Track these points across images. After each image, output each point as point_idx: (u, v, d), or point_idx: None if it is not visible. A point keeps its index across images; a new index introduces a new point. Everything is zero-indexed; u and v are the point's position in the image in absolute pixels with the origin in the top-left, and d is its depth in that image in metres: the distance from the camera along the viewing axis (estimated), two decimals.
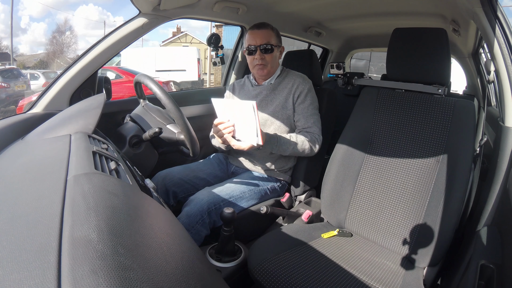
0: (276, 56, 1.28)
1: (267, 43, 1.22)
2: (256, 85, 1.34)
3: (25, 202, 0.39)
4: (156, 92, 0.92)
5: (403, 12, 1.59)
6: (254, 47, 1.22)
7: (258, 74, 1.30)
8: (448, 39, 0.97)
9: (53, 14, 37.00)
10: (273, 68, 1.29)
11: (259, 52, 1.22)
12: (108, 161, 0.57)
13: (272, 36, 1.24)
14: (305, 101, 1.24)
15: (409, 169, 1.02)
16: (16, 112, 3.40)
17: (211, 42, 1.60)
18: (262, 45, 1.21)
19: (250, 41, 1.24)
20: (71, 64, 1.14)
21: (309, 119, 1.23)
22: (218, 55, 1.68)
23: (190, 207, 1.05)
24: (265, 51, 1.23)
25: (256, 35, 1.22)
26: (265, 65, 1.25)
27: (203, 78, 11.13)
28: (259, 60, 1.23)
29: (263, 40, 1.22)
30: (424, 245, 0.93)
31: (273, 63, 1.27)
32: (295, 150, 1.17)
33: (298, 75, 1.30)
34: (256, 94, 1.31)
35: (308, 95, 1.25)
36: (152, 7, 1.16)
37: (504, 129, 0.85)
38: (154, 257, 0.33)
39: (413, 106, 1.05)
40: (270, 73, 1.29)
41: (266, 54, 1.23)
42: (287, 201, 1.27)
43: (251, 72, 1.35)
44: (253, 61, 1.25)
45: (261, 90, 1.31)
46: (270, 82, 1.31)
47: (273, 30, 1.26)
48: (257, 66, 1.25)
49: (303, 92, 1.24)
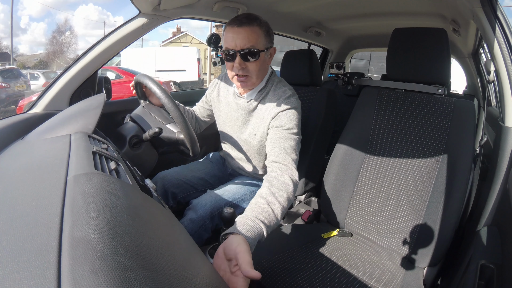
0: (264, 62, 0.98)
1: (250, 46, 0.90)
2: (238, 96, 1.08)
3: (25, 202, 0.39)
4: (156, 92, 0.92)
5: (403, 12, 1.59)
6: (232, 51, 0.92)
7: (238, 87, 1.04)
8: (448, 39, 0.97)
9: (52, 14, 37.00)
10: (259, 78, 1.00)
11: (239, 59, 0.92)
12: (108, 161, 0.57)
13: (259, 35, 0.92)
14: (280, 126, 0.95)
15: (409, 169, 1.02)
16: (16, 112, 3.40)
17: (211, 42, 1.60)
18: (244, 50, 0.91)
19: (227, 42, 0.92)
20: (71, 64, 1.14)
21: (280, 148, 0.91)
22: (218, 55, 1.68)
23: (194, 212, 1.04)
24: (246, 58, 0.92)
25: (236, 34, 0.91)
26: (248, 77, 0.96)
27: (203, 78, 11.13)
28: (239, 69, 0.94)
29: (245, 41, 0.90)
30: (424, 245, 0.93)
31: (258, 73, 0.97)
32: (284, 211, 0.78)
33: (283, 93, 1.01)
34: (236, 108, 1.10)
35: (285, 115, 0.96)
36: (152, 7, 1.16)
37: (504, 129, 0.85)
38: (154, 257, 0.33)
39: (413, 106, 1.05)
40: (254, 84, 1.02)
41: (249, 62, 0.93)
42: None
43: None
44: (232, 69, 0.96)
45: (240, 104, 1.08)
46: (249, 97, 1.05)
47: (261, 27, 0.93)
48: (236, 77, 0.96)
49: (280, 117, 0.96)
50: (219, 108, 1.19)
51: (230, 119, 1.14)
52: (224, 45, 0.95)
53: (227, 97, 1.15)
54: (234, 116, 1.12)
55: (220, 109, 1.19)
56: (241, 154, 1.19)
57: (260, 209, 0.73)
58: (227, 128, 1.18)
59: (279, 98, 1.00)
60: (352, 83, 1.64)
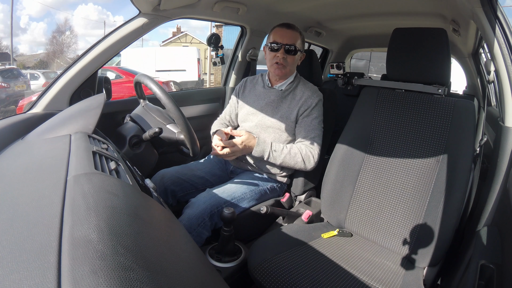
0: (297, 61, 1.24)
1: (293, 44, 1.18)
2: (268, 87, 1.30)
3: (25, 202, 0.39)
4: (156, 92, 0.92)
5: (403, 12, 1.59)
6: (279, 44, 1.18)
7: (275, 73, 1.25)
8: (448, 39, 0.97)
9: (52, 14, 36.97)
10: (291, 71, 1.26)
11: (282, 51, 1.18)
12: (108, 161, 0.57)
13: (299, 39, 1.21)
14: (310, 114, 1.21)
15: (409, 169, 1.02)
16: (16, 112, 3.40)
17: (211, 42, 1.60)
18: (288, 45, 1.18)
19: (275, 37, 1.20)
20: (71, 64, 1.14)
21: (310, 133, 1.19)
22: (218, 55, 1.68)
23: (192, 209, 1.04)
24: (288, 52, 1.19)
25: (284, 33, 1.19)
26: (284, 66, 1.21)
27: (203, 78, 11.13)
28: (281, 59, 1.19)
29: (290, 40, 1.18)
30: (424, 245, 0.93)
31: (292, 66, 1.23)
32: (286, 160, 1.15)
33: (309, 87, 1.26)
34: (265, 97, 1.29)
35: (315, 109, 1.22)
36: (152, 7, 1.16)
37: (504, 129, 0.85)
38: (154, 257, 0.33)
39: (413, 106, 1.05)
40: (286, 75, 1.26)
41: (289, 55, 1.20)
42: (287, 201, 1.27)
43: (250, 73, 1.35)
44: (273, 58, 1.21)
45: (271, 94, 1.28)
46: (281, 87, 1.27)
47: (301, 35, 1.23)
48: (276, 64, 1.21)
49: (310, 107, 1.21)
50: (244, 101, 1.34)
51: (256, 106, 1.28)
52: (270, 39, 1.22)
53: (254, 90, 1.34)
54: (261, 104, 1.27)
55: (245, 101, 1.33)
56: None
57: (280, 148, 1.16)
58: (251, 117, 1.30)
59: (309, 89, 1.25)
60: (352, 83, 1.63)
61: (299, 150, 1.16)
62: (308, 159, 1.16)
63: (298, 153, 1.15)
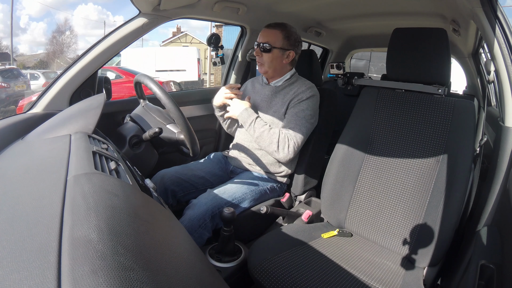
0: (277, 58, 1.23)
1: (266, 42, 1.21)
2: (265, 84, 1.34)
3: (25, 202, 0.39)
4: (156, 92, 0.92)
5: (403, 12, 1.59)
6: (256, 44, 1.24)
7: (259, 72, 1.31)
8: (448, 39, 0.97)
9: (52, 14, 36.96)
10: (271, 69, 1.25)
11: (258, 50, 1.24)
12: (108, 161, 0.57)
13: (278, 37, 1.21)
14: (298, 106, 1.20)
15: (409, 169, 1.02)
16: (16, 112, 3.40)
17: (211, 42, 1.60)
18: (262, 44, 1.21)
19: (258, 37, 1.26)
20: (71, 64, 1.14)
21: (293, 123, 1.18)
22: (218, 55, 1.68)
23: (193, 210, 1.04)
24: (264, 50, 1.22)
25: (263, 32, 1.23)
26: (262, 64, 1.25)
27: (203, 78, 11.13)
28: (258, 57, 1.25)
29: (265, 38, 1.22)
30: (424, 245, 0.93)
31: (271, 64, 1.24)
32: (264, 135, 1.16)
33: (305, 83, 1.26)
34: (261, 93, 1.32)
35: (305, 102, 1.20)
36: (152, 7, 1.16)
37: (504, 129, 0.85)
38: (154, 257, 0.33)
39: (413, 106, 1.05)
40: (268, 73, 1.28)
41: (264, 53, 1.22)
42: (287, 201, 1.27)
43: (250, 73, 1.36)
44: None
45: (266, 90, 1.31)
46: (276, 84, 1.29)
47: (283, 32, 1.21)
48: (257, 62, 1.28)
49: (300, 99, 1.20)
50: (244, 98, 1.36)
51: (253, 102, 1.30)
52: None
53: (254, 88, 1.38)
54: (257, 100, 1.31)
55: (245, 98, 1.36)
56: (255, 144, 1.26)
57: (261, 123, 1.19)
58: None
59: (305, 85, 1.25)
60: (352, 83, 1.64)
61: (279, 133, 1.16)
62: (283, 145, 1.15)
63: (276, 134, 1.15)
